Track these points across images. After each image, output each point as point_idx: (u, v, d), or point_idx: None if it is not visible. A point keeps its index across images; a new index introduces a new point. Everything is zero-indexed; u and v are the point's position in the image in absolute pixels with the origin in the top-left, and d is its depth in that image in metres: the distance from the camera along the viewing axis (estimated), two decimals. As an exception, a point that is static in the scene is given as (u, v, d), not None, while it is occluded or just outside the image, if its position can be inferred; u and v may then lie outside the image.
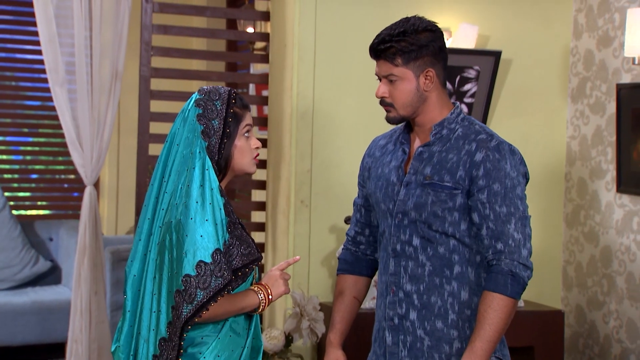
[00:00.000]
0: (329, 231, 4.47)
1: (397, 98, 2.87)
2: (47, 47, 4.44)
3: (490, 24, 4.68)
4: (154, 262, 2.72)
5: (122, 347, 2.79)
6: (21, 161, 7.44)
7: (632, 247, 4.43)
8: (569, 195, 4.84)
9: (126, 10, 4.51)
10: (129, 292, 2.79)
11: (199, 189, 2.67)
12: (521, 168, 2.86)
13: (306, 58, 4.39)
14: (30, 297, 6.23)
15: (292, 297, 4.16)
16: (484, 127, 2.92)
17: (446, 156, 2.86)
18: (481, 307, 2.78)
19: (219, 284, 2.63)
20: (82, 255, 4.54)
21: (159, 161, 2.80)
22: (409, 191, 2.88)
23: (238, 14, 5.00)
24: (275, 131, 4.57)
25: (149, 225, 2.77)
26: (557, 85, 4.83)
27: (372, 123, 4.48)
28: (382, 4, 4.44)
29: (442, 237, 2.85)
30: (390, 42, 2.83)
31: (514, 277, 2.76)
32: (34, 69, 7.31)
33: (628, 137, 4.40)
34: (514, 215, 2.79)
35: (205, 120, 2.74)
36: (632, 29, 4.22)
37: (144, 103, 4.47)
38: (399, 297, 2.91)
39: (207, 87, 2.81)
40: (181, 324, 2.63)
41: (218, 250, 2.64)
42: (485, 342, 2.75)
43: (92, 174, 4.54)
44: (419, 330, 2.88)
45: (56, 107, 4.49)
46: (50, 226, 6.81)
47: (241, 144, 2.80)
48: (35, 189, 7.43)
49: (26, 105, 7.42)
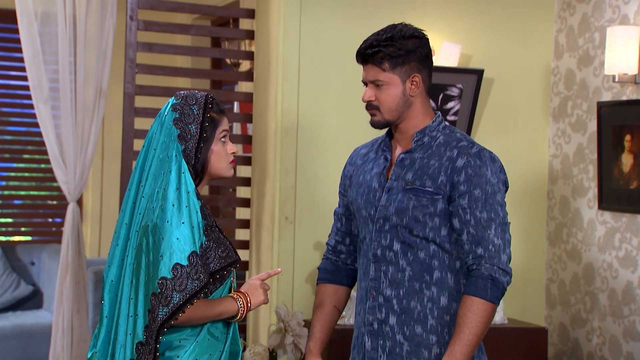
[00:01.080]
0: (314, 248, 4.47)
1: (383, 102, 2.89)
2: (30, 65, 4.44)
3: (473, 43, 4.73)
4: (131, 266, 2.70)
5: (98, 354, 2.76)
6: (3, 187, 7.40)
7: (614, 264, 4.45)
8: (552, 213, 4.87)
9: (111, 27, 4.53)
10: (106, 297, 2.77)
11: (175, 192, 2.67)
12: (501, 176, 2.89)
13: (290, 75, 4.41)
14: (11, 321, 6.19)
15: (277, 312, 4.15)
16: (465, 136, 2.94)
17: (428, 162, 2.88)
18: (460, 311, 2.78)
19: (195, 287, 2.63)
20: (64, 272, 4.52)
21: (136, 166, 2.80)
22: (390, 197, 2.90)
23: (223, 32, 5.03)
24: (259, 148, 4.58)
25: (126, 230, 2.76)
26: (539, 105, 4.88)
27: (357, 139, 4.49)
28: (366, 22, 4.47)
29: (422, 242, 2.86)
30: (378, 47, 2.85)
31: (493, 282, 2.77)
32: (17, 94, 7.28)
33: (609, 154, 4.44)
34: (494, 221, 2.81)
35: (182, 125, 2.74)
36: (612, 47, 4.28)
37: (128, 120, 4.47)
38: (378, 302, 2.91)
39: (183, 92, 2.83)
40: (157, 326, 2.61)
41: (194, 253, 2.64)
42: (464, 346, 2.75)
43: (75, 191, 4.53)
44: (398, 335, 2.88)
45: (40, 124, 4.48)
46: (32, 250, 6.77)
47: (218, 148, 2.80)
48: (18, 215, 7.39)
49: (9, 130, 7.39)
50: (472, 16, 4.73)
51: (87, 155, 4.53)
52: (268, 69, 4.49)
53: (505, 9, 4.78)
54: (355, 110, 4.51)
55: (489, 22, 4.75)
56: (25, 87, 6.94)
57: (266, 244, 4.49)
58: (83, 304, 4.57)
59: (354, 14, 4.49)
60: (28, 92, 6.87)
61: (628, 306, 4.37)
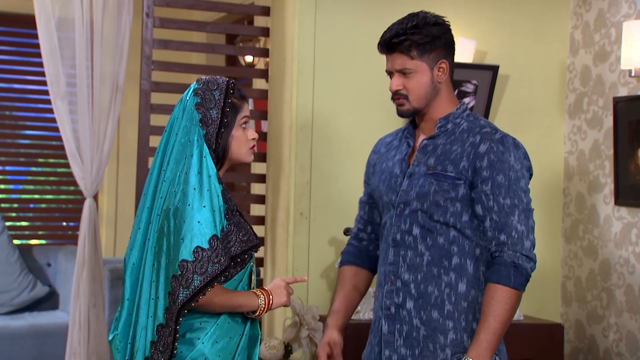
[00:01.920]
0: (329, 243, 4.47)
1: (412, 90, 2.90)
2: (48, 60, 4.47)
3: (488, 39, 4.73)
4: (152, 249, 2.73)
5: (119, 336, 2.79)
6: (20, 190, 7.44)
7: (630, 259, 4.44)
8: (567, 210, 4.85)
9: (127, 24, 4.55)
10: (127, 280, 2.79)
11: (197, 176, 2.69)
12: (525, 162, 2.89)
13: (305, 71, 4.42)
14: (28, 321, 6.20)
15: (292, 306, 4.15)
16: (489, 123, 2.95)
17: (450, 148, 2.88)
18: (485, 300, 2.78)
19: (216, 270, 2.65)
20: (81, 267, 4.54)
21: (158, 150, 2.82)
22: (411, 182, 2.90)
23: (238, 30, 5.05)
24: (274, 145, 4.59)
25: (147, 214, 2.79)
26: (554, 102, 4.87)
27: (371, 135, 4.51)
28: (381, 18, 4.46)
29: (442, 228, 2.85)
30: (405, 34, 2.86)
31: (516, 268, 2.77)
32: (33, 99, 7.33)
33: (625, 149, 4.42)
34: (518, 207, 2.81)
35: (204, 110, 2.77)
36: (629, 41, 4.27)
37: (144, 117, 4.49)
38: (396, 286, 2.91)
39: (205, 77, 2.85)
40: (177, 308, 2.63)
41: (215, 236, 2.65)
42: (489, 334, 2.75)
43: (91, 187, 4.55)
44: (415, 319, 2.88)
45: (57, 120, 4.51)
46: (49, 251, 6.79)
47: (238, 134, 2.82)
48: (34, 218, 7.42)
49: (25, 135, 7.43)
50: (487, 12, 4.74)
51: (103, 151, 4.55)
52: (283, 66, 4.51)
53: (521, 5, 4.78)
54: (370, 106, 4.53)
55: (504, 18, 4.75)
56: (41, 91, 7.03)
57: (281, 240, 4.50)
58: (100, 299, 4.58)
59: (369, 10, 4.50)
60: (44, 97, 7.05)
61: (645, 302, 4.35)
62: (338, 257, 4.44)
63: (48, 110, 7.04)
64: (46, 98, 6.94)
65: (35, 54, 6.99)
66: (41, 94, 7.11)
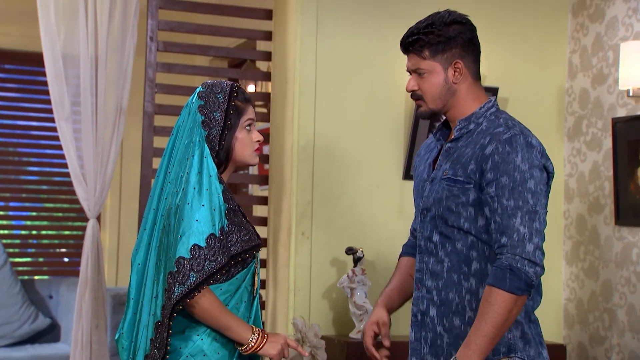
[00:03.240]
0: (330, 263, 4.48)
1: (426, 91, 2.86)
2: (53, 83, 4.53)
3: (487, 63, 4.75)
4: (156, 249, 2.76)
5: (125, 335, 2.81)
6: (22, 226, 7.46)
7: (632, 279, 4.44)
8: (568, 232, 4.87)
9: (131, 48, 4.62)
10: (133, 280, 2.82)
11: (197, 175, 2.72)
12: (535, 161, 2.76)
13: (307, 92, 4.47)
14: (29, 352, 6.19)
15: (294, 324, 4.16)
16: (508, 121, 2.84)
17: (464, 151, 2.82)
18: (481, 302, 2.70)
19: (212, 268, 2.66)
20: (83, 288, 4.55)
21: (165, 153, 2.87)
22: (432, 187, 2.87)
23: (241, 53, 5.12)
24: (276, 167, 4.63)
25: (153, 215, 2.82)
26: (554, 125, 4.91)
27: (372, 155, 4.58)
28: (381, 39, 4.56)
29: (459, 233, 2.80)
30: (418, 34, 2.83)
31: (512, 272, 2.65)
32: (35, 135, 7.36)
33: (625, 169, 4.46)
34: (521, 209, 2.68)
35: (207, 112, 2.81)
36: (626, 61, 4.33)
37: (148, 139, 4.54)
38: (422, 293, 2.88)
39: (210, 81, 2.90)
40: (172, 304, 2.64)
41: (213, 235, 2.67)
42: (479, 337, 2.65)
43: (95, 207, 4.59)
44: (439, 327, 2.83)
45: (61, 141, 4.56)
46: (51, 284, 6.80)
47: (242, 136, 2.86)
48: (37, 254, 7.42)
49: (28, 170, 7.46)
50: (488, 36, 4.77)
51: (107, 173, 4.59)
52: (285, 88, 4.56)
53: (520, 30, 4.85)
54: (371, 126, 4.57)
55: (503, 42, 4.82)
56: (44, 128, 7.09)
57: (283, 261, 4.51)
58: (102, 320, 4.59)
59: (369, 32, 4.57)
60: (47, 133, 7.10)
61: (647, 321, 4.35)
62: (340, 276, 4.46)
63: (52, 146, 7.13)
64: (50, 134, 7.03)
65: (38, 91, 7.08)
66: (45, 131, 7.16)
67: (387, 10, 4.57)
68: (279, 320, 4.49)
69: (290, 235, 4.46)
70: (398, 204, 4.56)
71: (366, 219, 4.53)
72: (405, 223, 4.32)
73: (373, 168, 4.57)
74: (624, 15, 4.56)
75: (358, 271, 4.32)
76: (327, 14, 4.50)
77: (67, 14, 4.55)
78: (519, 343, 2.80)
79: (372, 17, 4.57)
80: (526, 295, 2.69)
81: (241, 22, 5.05)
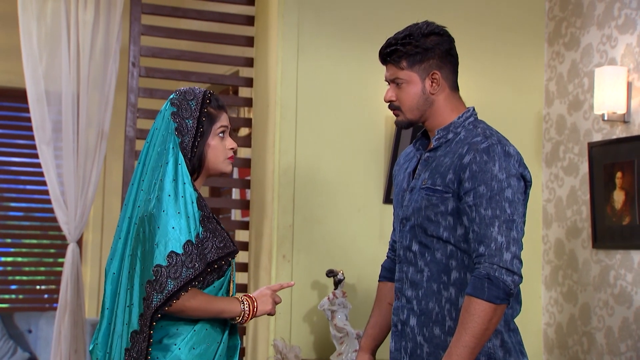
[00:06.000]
0: (311, 287, 4.49)
1: (403, 101, 2.89)
2: (34, 106, 4.55)
3: (466, 90, 4.79)
4: (129, 257, 2.75)
5: (99, 345, 2.79)
6: (2, 262, 7.41)
7: (609, 302, 4.48)
8: (547, 257, 4.91)
9: (113, 73, 4.66)
10: (108, 289, 2.80)
11: (172, 183, 2.72)
12: (513, 170, 2.76)
13: (288, 116, 4.51)
14: (7, 386, 6.15)
15: (274, 345, 4.16)
16: (485, 130, 2.85)
17: (442, 160, 2.84)
18: (461, 312, 2.71)
19: (190, 275, 2.66)
20: (62, 312, 4.53)
21: (139, 161, 2.86)
22: (411, 197, 2.89)
23: (222, 79, 5.16)
24: (257, 191, 4.65)
25: (127, 224, 2.81)
26: (532, 151, 4.97)
27: (353, 178, 4.61)
28: (361, 64, 4.61)
29: (438, 243, 2.81)
30: (395, 45, 2.87)
31: (490, 281, 2.66)
32: (16, 171, 7.32)
33: (601, 193, 4.51)
34: (499, 218, 2.70)
35: (179, 119, 2.80)
36: (601, 86, 4.41)
37: (129, 163, 4.56)
38: (401, 303, 2.89)
39: (184, 88, 2.90)
40: (151, 313, 2.63)
41: (189, 242, 2.68)
42: (461, 348, 2.66)
43: (75, 231, 4.58)
44: (419, 336, 2.84)
45: (42, 165, 4.57)
46: (30, 318, 6.76)
47: (215, 143, 2.85)
48: (17, 291, 7.35)
49: (8, 206, 7.42)
50: (466, 62, 4.81)
51: (87, 196, 4.60)
52: (266, 112, 4.60)
53: (498, 58, 4.93)
54: (352, 150, 4.61)
55: (481, 70, 4.89)
56: (26, 164, 7.06)
57: (264, 284, 4.52)
58: (81, 345, 4.56)
59: (350, 56, 4.63)
60: (28, 169, 7.06)
61: (625, 342, 4.38)
62: (320, 299, 4.47)
63: (33, 182, 7.10)
64: (32, 170, 7.00)
65: (18, 127, 7.08)
66: (27, 167, 7.14)
67: (366, 36, 4.63)
68: (260, 343, 4.49)
69: (271, 259, 4.47)
70: (379, 227, 4.59)
71: (347, 242, 4.56)
72: (386, 246, 4.34)
73: (354, 192, 4.60)
74: (599, 42, 4.64)
75: (339, 294, 4.33)
76: (307, 41, 4.56)
77: (49, 40, 4.58)
78: (499, 352, 2.80)
79: (352, 43, 4.64)
80: (505, 304, 2.70)
81: (223, 49, 5.10)
